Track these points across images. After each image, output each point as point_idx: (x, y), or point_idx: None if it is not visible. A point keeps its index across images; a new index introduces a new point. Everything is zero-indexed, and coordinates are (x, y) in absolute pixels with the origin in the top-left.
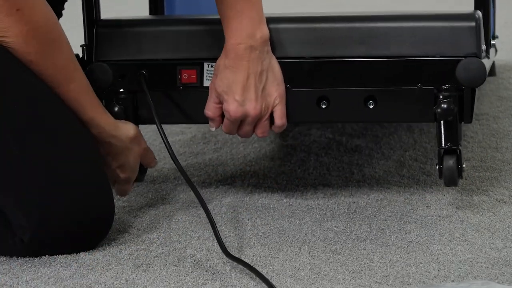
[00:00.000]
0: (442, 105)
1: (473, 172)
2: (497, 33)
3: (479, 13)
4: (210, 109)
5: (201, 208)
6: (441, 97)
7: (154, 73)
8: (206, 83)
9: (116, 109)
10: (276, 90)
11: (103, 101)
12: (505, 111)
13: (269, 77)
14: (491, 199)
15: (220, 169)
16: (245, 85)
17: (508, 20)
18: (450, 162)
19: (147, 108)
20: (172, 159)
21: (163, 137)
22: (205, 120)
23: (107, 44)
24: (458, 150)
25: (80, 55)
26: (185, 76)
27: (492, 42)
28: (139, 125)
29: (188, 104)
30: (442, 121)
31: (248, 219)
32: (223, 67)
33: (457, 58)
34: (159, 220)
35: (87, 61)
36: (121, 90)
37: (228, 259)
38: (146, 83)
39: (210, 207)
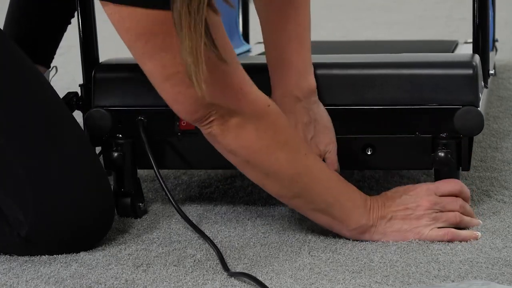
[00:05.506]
0: (440, 154)
1: (473, 172)
2: (497, 32)
3: (477, 59)
4: None
5: (201, 208)
6: (439, 145)
7: (153, 119)
8: None
9: (115, 154)
10: (325, 139)
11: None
12: (505, 111)
13: (317, 126)
14: (491, 199)
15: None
16: None
17: (508, 20)
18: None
19: (146, 153)
20: (173, 205)
21: (162, 182)
22: (203, 166)
23: (105, 90)
24: None
25: (79, 94)
26: (184, 122)
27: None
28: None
29: (186, 150)
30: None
31: (248, 219)
32: None
33: (454, 107)
34: (159, 220)
35: (85, 104)
36: (120, 135)
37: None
38: (144, 130)
39: (210, 207)
